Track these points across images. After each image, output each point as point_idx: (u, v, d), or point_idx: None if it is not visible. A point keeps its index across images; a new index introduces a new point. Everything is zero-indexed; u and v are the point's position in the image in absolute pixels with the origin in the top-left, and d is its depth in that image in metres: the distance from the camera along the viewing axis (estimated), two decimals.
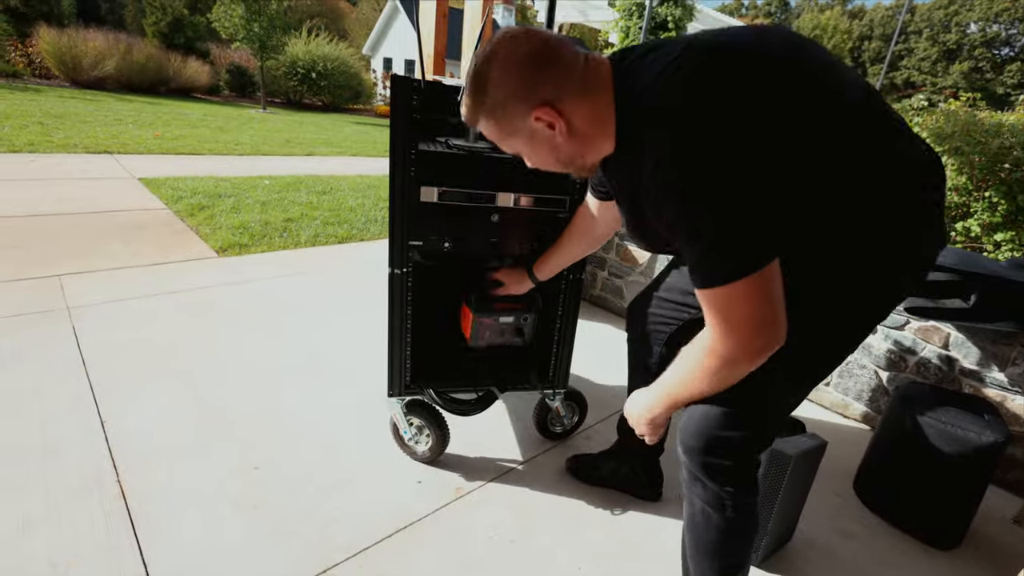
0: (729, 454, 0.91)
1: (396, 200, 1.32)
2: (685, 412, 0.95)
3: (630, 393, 1.48)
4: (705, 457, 0.91)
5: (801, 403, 0.98)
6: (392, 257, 1.39)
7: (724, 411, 0.89)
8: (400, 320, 1.48)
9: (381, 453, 1.66)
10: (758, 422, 0.91)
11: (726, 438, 0.89)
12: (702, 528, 0.97)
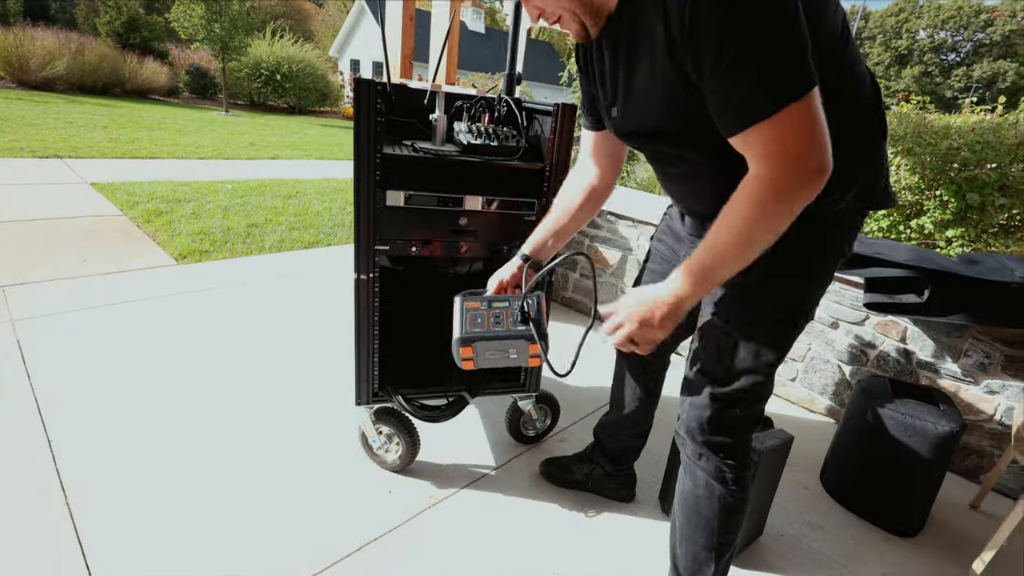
0: (729, 431, 1.00)
1: (361, 204, 1.30)
2: (688, 395, 1.03)
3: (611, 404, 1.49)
4: (708, 436, 1.00)
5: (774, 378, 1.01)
6: (358, 262, 1.36)
7: (720, 393, 0.98)
8: (367, 326, 1.45)
9: (349, 463, 1.63)
10: (751, 401, 0.99)
11: (726, 417, 0.99)
12: (704, 501, 1.04)
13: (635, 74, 0.83)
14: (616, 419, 1.45)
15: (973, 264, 1.64)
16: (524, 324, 1.06)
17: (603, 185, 1.18)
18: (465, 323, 1.07)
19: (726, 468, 1.02)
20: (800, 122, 0.69)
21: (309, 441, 1.71)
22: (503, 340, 1.05)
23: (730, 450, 1.02)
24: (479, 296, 1.13)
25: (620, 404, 1.42)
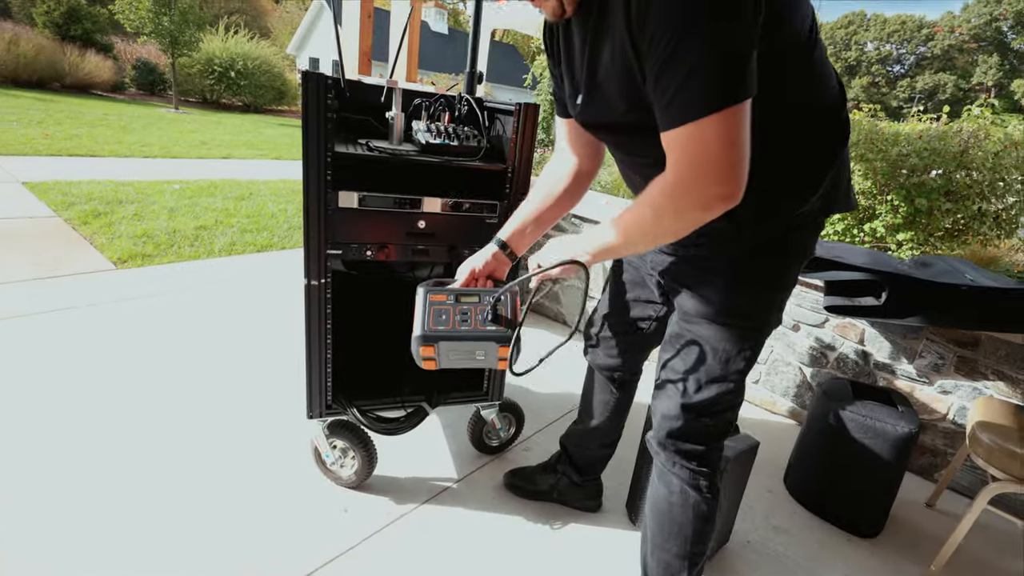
0: (701, 440, 1.00)
1: (311, 206, 1.22)
2: (659, 406, 1.02)
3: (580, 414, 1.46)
4: (680, 445, 1.00)
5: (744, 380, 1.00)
6: (308, 267, 1.29)
7: (690, 403, 0.97)
8: (318, 335, 1.37)
9: (301, 481, 1.54)
10: (724, 410, 0.98)
11: (704, 427, 0.98)
12: (678, 508, 1.02)
13: (599, 60, 0.80)
14: (585, 429, 1.42)
15: (926, 267, 1.69)
16: (495, 323, 0.96)
17: (586, 171, 1.10)
18: (427, 318, 0.96)
19: (700, 475, 1.01)
20: (721, 133, 0.66)
21: (257, 457, 1.61)
22: (469, 341, 0.95)
23: (702, 457, 1.01)
24: (445, 288, 1.02)
25: (589, 414, 1.39)
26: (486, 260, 1.06)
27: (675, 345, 0.99)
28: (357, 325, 1.75)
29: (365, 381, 1.57)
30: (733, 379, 0.94)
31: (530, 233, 1.09)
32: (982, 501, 1.31)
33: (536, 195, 1.11)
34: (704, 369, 0.94)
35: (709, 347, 0.93)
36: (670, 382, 0.99)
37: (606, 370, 1.30)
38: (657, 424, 1.02)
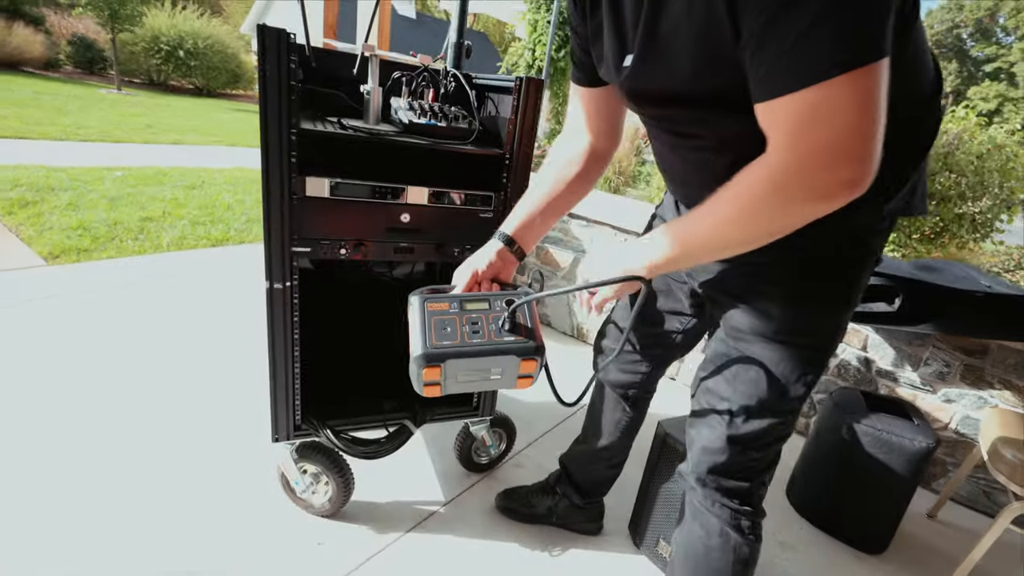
0: (746, 476, 0.88)
1: (272, 194, 1.03)
2: (699, 436, 0.89)
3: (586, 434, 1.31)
4: (722, 482, 0.88)
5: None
6: (270, 268, 1.09)
7: (739, 435, 0.84)
8: (284, 346, 1.18)
9: (267, 511, 1.35)
10: (774, 442, 0.87)
11: (751, 462, 0.87)
12: (717, 552, 0.90)
13: (663, 12, 0.63)
14: (591, 450, 1.28)
15: (932, 271, 1.62)
16: (513, 333, 0.79)
17: (603, 151, 0.94)
18: (429, 333, 0.78)
19: (742, 515, 0.89)
20: (854, 100, 0.51)
21: (214, 486, 1.41)
22: (486, 357, 0.78)
23: (747, 495, 0.89)
24: (444, 295, 0.84)
25: (597, 434, 1.25)
26: (490, 260, 0.88)
27: (720, 366, 0.86)
28: (330, 334, 1.57)
29: (340, 397, 1.39)
30: (789, 408, 0.82)
31: (539, 225, 0.93)
32: (1005, 520, 1.24)
33: (545, 180, 0.95)
34: (756, 396, 0.81)
35: (764, 371, 0.81)
36: (714, 410, 0.86)
37: (620, 387, 1.17)
38: (696, 457, 0.90)
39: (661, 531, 1.31)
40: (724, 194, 0.63)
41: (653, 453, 1.32)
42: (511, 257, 0.91)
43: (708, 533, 0.90)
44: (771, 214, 0.60)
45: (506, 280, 0.91)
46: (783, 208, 0.59)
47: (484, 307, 0.82)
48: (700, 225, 0.67)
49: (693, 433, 0.91)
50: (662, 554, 1.31)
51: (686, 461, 0.93)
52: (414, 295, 0.84)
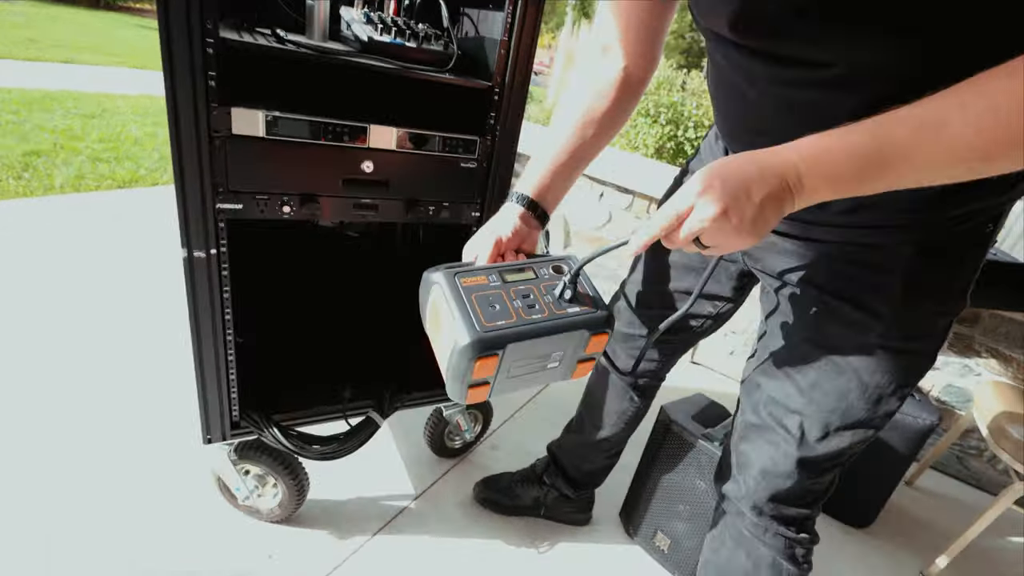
0: (811, 503, 0.77)
1: (183, 131, 0.76)
2: (758, 455, 0.76)
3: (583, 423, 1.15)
4: (785, 508, 0.76)
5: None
6: (187, 231, 0.83)
7: (813, 457, 0.71)
8: (213, 329, 0.93)
9: (206, 521, 1.14)
10: (848, 461, 0.74)
11: (817, 485, 0.75)
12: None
13: None
14: (588, 441, 1.14)
15: None
16: (576, 303, 0.64)
17: (639, 77, 0.75)
18: (473, 312, 0.60)
19: (797, 543, 0.77)
20: None
21: (134, 496, 1.17)
22: (552, 336, 0.62)
23: (805, 521, 0.77)
24: (474, 267, 0.66)
25: (597, 424, 1.10)
26: (515, 227, 0.70)
27: (791, 373, 0.70)
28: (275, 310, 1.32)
29: (289, 386, 1.16)
30: (878, 424, 0.68)
31: (563, 181, 0.74)
32: (1007, 501, 1.22)
33: (568, 121, 0.74)
34: (841, 409, 0.67)
35: (857, 379, 0.66)
36: (779, 424, 0.71)
37: (629, 375, 1.01)
38: (754, 482, 0.76)
39: (659, 523, 1.21)
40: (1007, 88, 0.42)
41: (654, 440, 1.20)
42: (535, 223, 0.72)
43: (756, 565, 0.78)
44: None
45: (531, 250, 0.72)
46: None
47: (530, 277, 0.66)
48: (933, 130, 0.44)
49: (748, 451, 0.76)
50: (660, 547, 1.21)
51: (731, 480, 0.80)
52: (435, 272, 0.64)
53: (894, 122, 0.45)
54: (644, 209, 2.17)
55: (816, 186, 0.49)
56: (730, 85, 0.64)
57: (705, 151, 0.83)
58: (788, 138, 0.59)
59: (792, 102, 0.57)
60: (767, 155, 0.50)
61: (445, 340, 0.62)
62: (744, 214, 0.49)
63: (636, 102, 0.77)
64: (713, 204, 0.49)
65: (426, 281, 0.65)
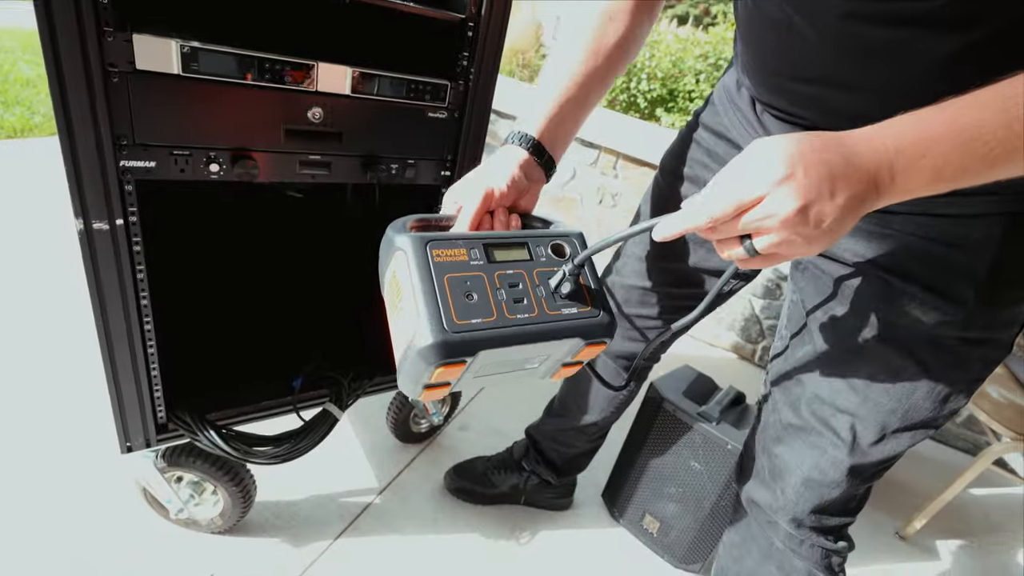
0: (854, 510, 0.72)
1: (66, 64, 0.58)
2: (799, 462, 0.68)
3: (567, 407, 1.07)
4: (827, 519, 0.71)
5: None
6: (80, 197, 0.66)
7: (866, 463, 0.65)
8: (126, 317, 0.77)
9: (134, 542, 0.99)
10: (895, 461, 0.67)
11: (857, 494, 0.70)
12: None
13: None
14: (573, 427, 1.06)
15: None
16: (573, 300, 0.52)
17: (648, 5, 0.65)
18: (443, 302, 0.47)
19: (834, 553, 0.71)
20: None
21: (37, 524, 1.01)
22: (540, 343, 0.51)
23: (841, 530, 0.72)
24: (453, 235, 0.52)
25: (583, 408, 1.02)
26: (512, 177, 0.57)
27: (842, 368, 0.63)
28: (204, 287, 1.15)
29: (227, 378, 1.01)
30: (941, 423, 0.62)
31: (572, 120, 0.63)
32: (985, 461, 1.25)
33: (573, 50, 0.63)
34: (903, 409, 0.60)
35: (925, 375, 0.59)
36: (825, 426, 0.64)
37: (623, 358, 0.92)
38: (793, 492, 0.69)
39: (647, 505, 1.17)
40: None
41: (643, 419, 1.14)
42: (538, 173, 0.60)
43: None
44: None
45: (529, 209, 0.60)
46: None
47: (523, 257, 0.53)
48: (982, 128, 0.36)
49: (786, 455, 0.69)
50: (648, 529, 1.17)
51: (763, 487, 0.73)
52: (400, 234, 0.51)
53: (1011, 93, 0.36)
54: (611, 165, 2.07)
55: (911, 187, 0.40)
56: (776, 22, 0.53)
57: (722, 102, 0.72)
58: (855, 87, 0.50)
59: (867, 44, 0.47)
60: (858, 141, 0.40)
61: (403, 325, 0.50)
62: (824, 216, 0.39)
63: (651, 24, 0.67)
64: (792, 198, 0.39)
65: (388, 241, 0.52)
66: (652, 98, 2.85)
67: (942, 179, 0.39)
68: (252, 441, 0.93)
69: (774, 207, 0.39)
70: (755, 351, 2.02)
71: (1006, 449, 1.23)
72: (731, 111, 0.70)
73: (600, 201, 2.14)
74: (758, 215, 0.40)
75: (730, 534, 0.82)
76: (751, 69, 0.62)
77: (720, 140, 0.73)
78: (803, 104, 0.56)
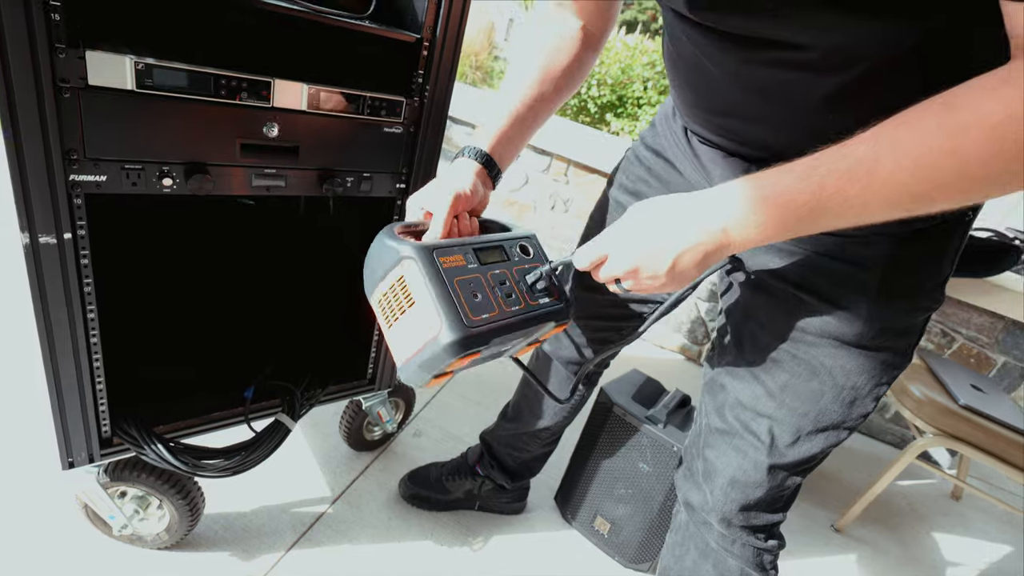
0: (785, 506, 0.79)
1: (16, 80, 0.60)
2: (725, 464, 0.76)
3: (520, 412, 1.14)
4: (755, 517, 0.77)
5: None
6: (26, 210, 0.67)
7: (786, 462, 0.72)
8: (72, 331, 0.78)
9: (74, 561, 0.99)
10: (820, 462, 0.75)
11: (788, 489, 0.76)
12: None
13: None
14: (526, 432, 1.12)
15: None
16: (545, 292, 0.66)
17: (598, 33, 0.75)
18: (459, 303, 0.57)
19: (766, 551, 0.78)
20: None
21: None
22: (528, 328, 0.63)
23: (772, 529, 0.79)
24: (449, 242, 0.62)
25: (536, 414, 1.08)
26: (472, 184, 0.67)
27: (759, 375, 0.71)
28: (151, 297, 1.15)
29: (175, 389, 1.02)
30: (851, 425, 0.70)
31: (518, 138, 0.73)
32: (910, 456, 1.39)
33: (525, 76, 0.72)
34: (813, 412, 0.68)
35: (832, 382, 0.67)
36: (747, 430, 0.72)
37: (574, 364, 0.99)
38: (721, 493, 0.76)
39: (599, 506, 1.24)
40: (937, 115, 0.42)
41: (594, 423, 1.22)
42: (489, 181, 0.71)
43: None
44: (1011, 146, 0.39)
45: (479, 212, 0.71)
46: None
47: (502, 258, 0.65)
48: (866, 172, 0.44)
49: (713, 458, 0.77)
50: (599, 531, 1.25)
51: (696, 489, 0.80)
52: (402, 243, 0.59)
53: (829, 164, 0.46)
54: (562, 172, 2.16)
55: (751, 240, 0.52)
56: (692, 64, 0.61)
57: (662, 124, 0.81)
58: (757, 119, 0.59)
59: (762, 85, 0.56)
60: (697, 207, 0.54)
61: (414, 325, 0.58)
62: (658, 270, 0.55)
63: (596, 58, 0.77)
64: (624, 262, 0.56)
65: (388, 250, 0.60)
66: (602, 103, 2.97)
67: (776, 233, 0.50)
68: (201, 454, 0.95)
69: (612, 268, 0.58)
70: (701, 352, 2.15)
71: (928, 444, 1.38)
72: (668, 134, 0.78)
73: (553, 207, 2.23)
74: (606, 270, 0.59)
75: (672, 535, 0.89)
76: (678, 101, 0.70)
77: (658, 159, 0.81)
78: (719, 133, 0.66)
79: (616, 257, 0.57)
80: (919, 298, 0.65)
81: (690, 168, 0.75)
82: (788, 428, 0.70)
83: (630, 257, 0.56)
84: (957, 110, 0.41)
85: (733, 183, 0.52)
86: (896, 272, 0.62)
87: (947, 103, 0.42)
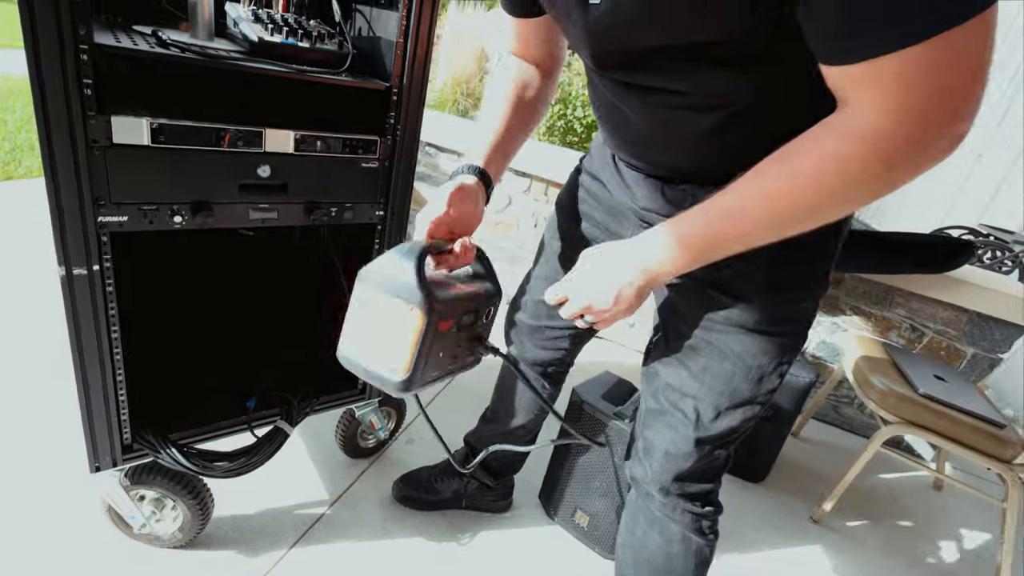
0: (715, 476, 0.91)
1: (56, 144, 0.76)
2: (659, 440, 0.88)
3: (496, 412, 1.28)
4: (689, 486, 0.89)
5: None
6: (64, 247, 0.83)
7: (708, 436, 0.84)
8: (99, 350, 0.93)
9: (98, 559, 1.12)
10: (741, 436, 0.87)
11: (716, 461, 0.88)
12: (679, 559, 0.93)
13: None
14: (504, 431, 1.25)
15: None
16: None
17: (552, 69, 0.93)
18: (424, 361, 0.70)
19: (703, 517, 0.90)
20: (967, 55, 0.46)
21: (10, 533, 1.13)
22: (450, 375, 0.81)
23: (707, 496, 0.90)
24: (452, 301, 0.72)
25: (510, 413, 1.22)
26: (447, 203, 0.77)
27: (683, 360, 0.84)
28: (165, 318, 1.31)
29: (187, 400, 1.17)
30: (762, 400, 0.83)
31: (505, 156, 0.89)
32: (876, 444, 1.50)
33: (501, 103, 0.89)
34: (728, 391, 0.81)
35: (740, 363, 0.80)
36: (676, 408, 0.85)
37: (538, 365, 1.13)
38: (658, 465, 0.88)
39: (577, 501, 1.36)
40: (785, 171, 0.58)
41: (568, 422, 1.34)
42: (483, 194, 0.83)
43: (668, 541, 0.91)
44: (867, 187, 0.54)
45: (469, 232, 0.81)
46: (885, 172, 0.52)
47: (471, 322, 0.77)
48: (754, 210, 0.61)
49: (650, 436, 0.89)
50: (579, 524, 1.37)
51: (639, 464, 0.92)
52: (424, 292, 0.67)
53: (715, 210, 0.64)
54: (542, 192, 2.33)
55: (669, 272, 0.69)
56: (608, 104, 0.76)
57: (596, 151, 0.96)
58: (664, 148, 0.75)
59: (663, 120, 0.71)
60: (629, 254, 0.71)
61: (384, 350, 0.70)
62: (607, 305, 0.72)
63: (554, 87, 0.95)
64: (580, 300, 0.74)
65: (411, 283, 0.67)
66: (587, 123, 3.15)
67: (689, 266, 0.67)
68: (210, 457, 1.09)
69: (571, 307, 0.76)
70: None
71: (891, 432, 1.49)
72: (600, 159, 0.94)
73: (535, 225, 2.39)
74: (567, 309, 0.76)
75: (625, 513, 1.01)
76: (604, 133, 0.86)
77: (595, 181, 0.97)
78: (636, 157, 0.81)
79: (574, 298, 0.75)
80: (802, 288, 0.79)
81: (618, 188, 0.89)
82: (710, 405, 0.82)
83: (584, 297, 0.73)
84: (792, 157, 0.58)
85: (654, 231, 0.69)
86: (778, 268, 0.76)
87: (784, 155, 0.58)
